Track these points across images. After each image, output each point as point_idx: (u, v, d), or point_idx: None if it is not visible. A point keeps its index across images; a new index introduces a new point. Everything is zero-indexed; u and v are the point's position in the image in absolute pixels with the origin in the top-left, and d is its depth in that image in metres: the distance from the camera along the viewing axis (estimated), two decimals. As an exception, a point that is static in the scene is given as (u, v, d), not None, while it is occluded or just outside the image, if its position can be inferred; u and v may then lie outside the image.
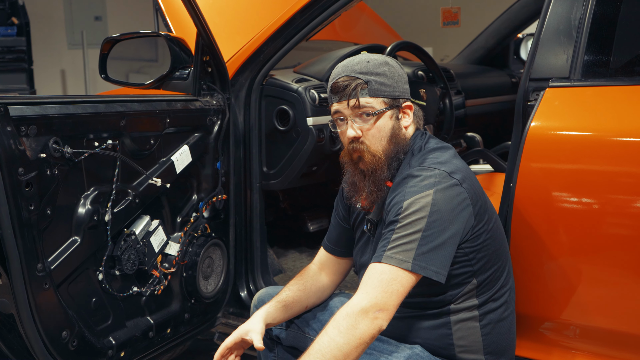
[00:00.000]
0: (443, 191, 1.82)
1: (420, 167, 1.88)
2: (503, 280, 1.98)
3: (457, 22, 4.59)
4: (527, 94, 2.17)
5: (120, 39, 2.84)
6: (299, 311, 2.16)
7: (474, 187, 1.89)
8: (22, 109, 1.94)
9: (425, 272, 1.78)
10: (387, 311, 1.76)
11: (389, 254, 1.79)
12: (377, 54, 2.00)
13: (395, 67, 1.97)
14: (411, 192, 1.83)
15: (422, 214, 1.79)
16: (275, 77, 2.94)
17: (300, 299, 2.15)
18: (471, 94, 3.80)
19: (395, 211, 1.84)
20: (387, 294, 1.76)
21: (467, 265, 1.89)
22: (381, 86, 1.93)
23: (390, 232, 1.83)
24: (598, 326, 2.11)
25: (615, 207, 2.03)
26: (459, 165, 1.91)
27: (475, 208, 1.87)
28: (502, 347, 1.99)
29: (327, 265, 2.25)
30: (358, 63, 1.94)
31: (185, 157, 2.54)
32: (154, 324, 2.46)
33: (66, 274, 2.11)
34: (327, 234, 2.26)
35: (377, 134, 1.94)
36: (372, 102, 1.93)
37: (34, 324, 1.99)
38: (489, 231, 1.91)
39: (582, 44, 2.11)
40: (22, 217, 1.91)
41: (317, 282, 2.21)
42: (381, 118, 1.93)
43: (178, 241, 2.54)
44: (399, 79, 1.97)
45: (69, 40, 9.19)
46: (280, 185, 3.00)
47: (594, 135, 2.05)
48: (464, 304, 1.92)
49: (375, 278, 1.78)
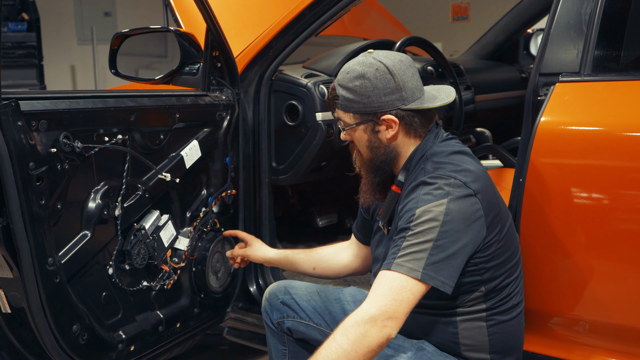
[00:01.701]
0: (457, 201, 1.79)
1: (436, 174, 1.84)
2: (512, 284, 1.95)
3: (466, 17, 4.59)
4: (537, 89, 2.16)
5: (130, 34, 2.84)
6: (305, 268, 2.41)
7: (488, 197, 1.86)
8: (33, 104, 1.95)
9: (434, 282, 1.76)
10: (396, 319, 1.74)
11: (399, 261, 1.77)
12: (362, 63, 1.92)
13: (371, 80, 1.89)
14: (425, 199, 1.80)
15: (435, 223, 1.77)
16: (284, 73, 2.94)
17: (309, 256, 2.40)
18: (481, 90, 3.80)
19: (408, 218, 1.82)
20: (397, 302, 1.74)
21: (476, 274, 1.88)
22: (349, 102, 1.93)
23: (401, 239, 1.81)
24: (607, 321, 2.11)
25: (625, 203, 2.02)
26: (475, 172, 1.87)
27: (488, 219, 1.84)
28: (509, 346, 1.97)
29: (353, 247, 2.36)
30: (343, 71, 1.95)
31: (195, 152, 2.55)
32: (163, 318, 2.47)
33: (76, 268, 2.12)
34: (355, 223, 2.34)
35: (357, 143, 1.99)
36: (344, 117, 1.97)
37: (44, 318, 2.00)
38: (500, 240, 1.88)
39: (592, 38, 2.10)
40: (33, 211, 1.92)
41: (337, 253, 2.39)
42: (356, 131, 1.96)
43: (187, 236, 2.55)
44: (373, 93, 1.89)
45: (78, 36, 9.22)
46: (289, 180, 3.00)
47: (604, 130, 2.04)
48: (471, 308, 1.91)
49: (385, 286, 1.76)
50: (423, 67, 3.33)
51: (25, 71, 7.77)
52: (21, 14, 7.82)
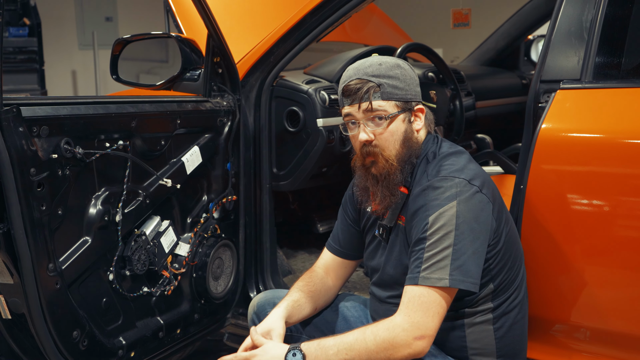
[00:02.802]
0: (466, 201, 1.81)
1: (440, 177, 1.86)
2: (518, 282, 1.98)
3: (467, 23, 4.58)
4: (538, 96, 2.16)
5: (131, 40, 2.85)
6: (310, 313, 2.15)
7: (492, 191, 1.89)
8: (34, 110, 1.95)
9: (464, 285, 1.79)
10: (429, 337, 1.78)
11: (425, 274, 1.79)
12: (389, 57, 1.98)
13: (407, 69, 1.95)
14: (434, 205, 1.82)
15: (449, 227, 1.79)
16: (285, 79, 2.95)
17: (311, 300, 2.14)
18: (481, 96, 3.80)
19: (422, 228, 1.83)
20: (429, 317, 1.78)
21: (486, 270, 1.89)
22: (393, 89, 1.91)
23: (421, 250, 1.82)
24: (609, 329, 2.11)
25: (626, 210, 2.02)
26: (475, 170, 1.90)
27: (495, 211, 1.87)
28: (515, 350, 1.99)
29: (333, 269, 2.23)
30: (370, 66, 1.92)
31: (196, 158, 2.55)
32: (164, 324, 2.46)
33: (77, 273, 2.12)
34: (332, 236, 2.25)
35: (389, 138, 1.92)
36: (385, 106, 1.91)
37: (45, 324, 2.00)
38: (507, 233, 1.92)
39: (593, 45, 2.11)
40: (34, 217, 1.92)
41: (325, 284, 2.20)
42: (394, 121, 1.92)
43: (188, 242, 2.55)
44: (411, 82, 1.95)
45: (79, 41, 9.23)
46: (290, 186, 3.00)
47: (605, 137, 2.04)
48: (479, 308, 1.92)
49: (416, 301, 1.79)
50: (424, 73, 3.34)
51: (26, 76, 7.78)
52: (22, 19, 7.83)
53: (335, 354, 1.80)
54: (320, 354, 1.81)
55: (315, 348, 1.82)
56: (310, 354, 1.82)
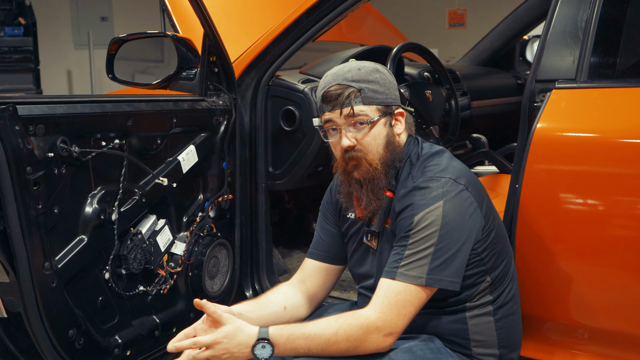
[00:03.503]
0: (452, 200, 1.82)
1: (425, 178, 1.86)
2: (510, 275, 1.99)
3: (463, 23, 4.59)
4: (533, 95, 2.17)
5: (127, 39, 2.85)
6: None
7: (477, 188, 1.90)
8: (30, 109, 1.95)
9: (440, 284, 1.80)
10: (396, 334, 1.81)
11: (402, 270, 1.80)
12: (367, 61, 1.97)
13: (385, 73, 1.94)
14: (421, 205, 1.82)
15: (434, 228, 1.80)
16: (281, 78, 2.95)
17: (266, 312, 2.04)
18: (477, 96, 3.81)
19: (406, 226, 1.83)
20: (400, 317, 1.80)
21: (480, 264, 1.90)
22: (374, 93, 1.90)
23: (402, 247, 1.83)
24: (603, 327, 2.11)
25: (621, 209, 2.03)
26: (459, 168, 1.90)
27: (483, 209, 1.88)
28: (514, 340, 2.01)
29: (315, 278, 2.14)
30: (349, 71, 1.91)
31: (192, 157, 2.55)
32: (159, 323, 2.47)
33: (73, 272, 2.12)
34: (314, 244, 2.18)
35: (372, 142, 1.91)
36: (366, 110, 1.89)
37: (41, 323, 2.00)
38: (495, 228, 1.92)
39: (588, 45, 2.11)
40: (30, 215, 1.92)
41: (290, 298, 2.09)
42: (375, 126, 1.90)
43: (184, 241, 2.55)
44: (390, 86, 1.94)
45: (75, 41, 9.22)
46: (285, 185, 3.01)
47: (600, 137, 2.05)
48: (479, 302, 1.93)
49: (391, 297, 1.80)
50: (419, 73, 3.34)
51: (21, 76, 7.77)
52: (18, 19, 7.82)
53: (306, 350, 1.80)
54: (290, 348, 1.80)
55: (284, 342, 1.79)
56: (279, 346, 1.79)
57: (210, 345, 1.80)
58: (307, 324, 1.84)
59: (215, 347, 1.79)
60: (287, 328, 1.82)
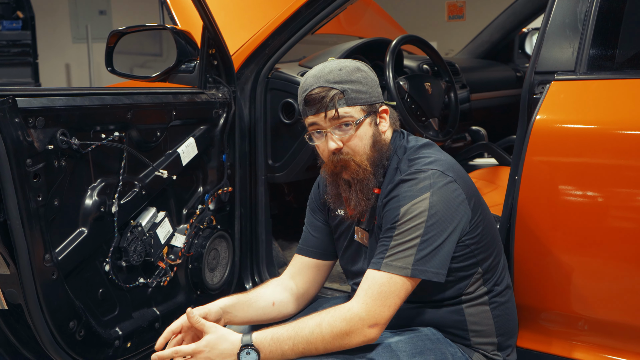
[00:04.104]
0: (439, 191, 1.81)
1: (413, 170, 1.85)
2: (502, 265, 2.00)
3: (462, 16, 4.58)
4: (532, 87, 2.17)
5: (126, 31, 2.85)
6: (261, 316, 2.03)
7: (465, 180, 1.89)
8: (30, 101, 1.96)
9: (425, 275, 1.79)
10: (382, 325, 1.79)
11: (388, 261, 1.79)
12: (347, 60, 1.95)
13: (367, 71, 1.93)
14: (407, 196, 1.81)
15: (420, 219, 1.79)
16: (280, 71, 2.95)
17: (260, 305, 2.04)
18: (476, 88, 3.81)
19: (392, 217, 1.82)
20: (385, 307, 1.78)
21: (471, 257, 1.90)
22: (357, 94, 1.88)
23: (388, 238, 1.82)
24: (600, 318, 2.12)
25: (620, 201, 2.03)
26: (447, 160, 1.90)
27: (471, 202, 1.87)
28: (511, 327, 2.02)
29: (305, 274, 2.13)
30: (330, 72, 1.88)
31: (191, 150, 2.55)
32: (160, 315, 2.47)
33: (73, 264, 2.12)
34: (303, 240, 2.16)
35: (359, 143, 1.89)
36: (351, 112, 1.87)
37: (41, 314, 2.00)
38: (484, 220, 1.92)
39: (587, 37, 2.11)
40: (30, 208, 1.93)
41: (280, 293, 2.08)
42: (361, 126, 1.89)
43: (184, 233, 2.56)
44: (373, 84, 1.92)
45: (73, 35, 9.20)
46: (285, 178, 3.01)
47: (600, 128, 2.05)
48: (474, 293, 1.94)
49: (375, 289, 1.79)
50: (419, 65, 3.34)
51: (20, 69, 7.75)
52: (16, 12, 7.81)
53: (291, 348, 1.77)
54: (275, 349, 1.77)
55: (269, 343, 1.77)
56: (264, 349, 1.77)
57: (192, 354, 1.79)
58: (290, 322, 1.83)
59: (198, 357, 1.78)
60: (270, 329, 1.81)
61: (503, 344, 2.00)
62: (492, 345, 1.97)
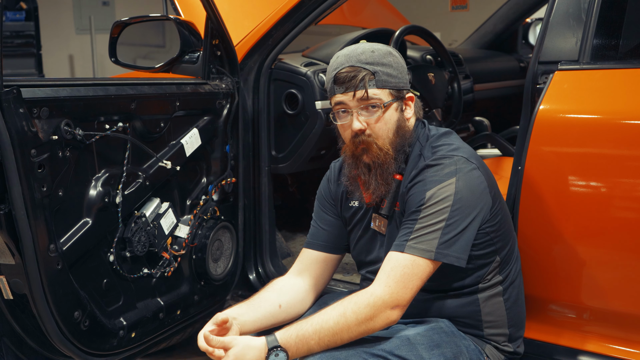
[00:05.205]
0: (465, 177, 1.83)
1: (437, 156, 1.87)
2: (515, 254, 2.02)
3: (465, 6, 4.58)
4: (536, 77, 2.17)
5: (130, 22, 2.84)
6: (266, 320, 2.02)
7: (485, 169, 1.92)
8: (34, 91, 1.96)
9: (447, 259, 1.81)
10: (403, 307, 1.81)
11: (411, 244, 1.81)
12: (379, 44, 1.95)
13: (398, 57, 1.94)
14: (433, 181, 1.83)
15: (446, 203, 1.80)
16: (284, 61, 2.95)
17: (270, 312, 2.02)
18: (479, 79, 3.80)
19: (418, 201, 1.84)
20: (407, 289, 1.79)
21: (490, 244, 1.91)
22: (388, 77, 1.89)
23: (412, 221, 1.83)
24: (606, 308, 2.13)
25: (623, 190, 2.04)
26: (469, 148, 1.93)
27: (492, 190, 1.89)
28: (521, 319, 2.04)
29: (314, 269, 2.12)
30: (362, 52, 1.89)
31: (195, 140, 2.56)
32: (164, 305, 2.48)
33: (78, 255, 2.13)
34: (312, 234, 2.15)
35: (383, 127, 1.90)
36: (380, 94, 1.88)
37: (46, 304, 2.01)
38: (502, 209, 1.94)
39: (591, 27, 2.11)
40: (35, 198, 1.93)
41: (293, 290, 2.08)
42: (388, 110, 1.90)
43: (188, 224, 2.56)
44: (402, 70, 1.94)
45: (77, 25, 9.20)
46: (288, 168, 3.01)
47: (603, 118, 2.05)
48: (490, 282, 1.95)
49: (398, 271, 1.80)
50: (422, 56, 3.34)
51: (23, 60, 7.76)
52: (19, 3, 7.80)
53: (317, 342, 1.78)
54: (302, 346, 1.78)
55: (295, 341, 1.78)
56: (291, 348, 1.77)
57: None
58: (313, 316, 1.83)
59: None
60: (293, 327, 1.81)
61: (513, 335, 2.01)
62: (504, 337, 1.98)
